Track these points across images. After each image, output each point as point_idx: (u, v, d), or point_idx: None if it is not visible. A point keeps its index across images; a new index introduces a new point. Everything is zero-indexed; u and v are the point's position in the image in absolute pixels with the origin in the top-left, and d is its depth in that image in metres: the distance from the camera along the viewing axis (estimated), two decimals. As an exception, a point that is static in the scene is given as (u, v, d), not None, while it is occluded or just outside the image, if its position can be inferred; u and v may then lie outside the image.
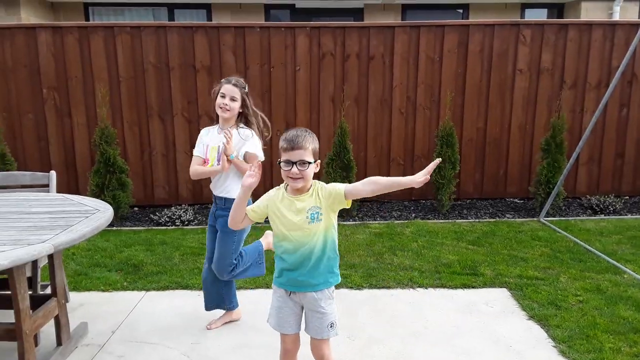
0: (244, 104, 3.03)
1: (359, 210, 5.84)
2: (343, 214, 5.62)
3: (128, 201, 5.49)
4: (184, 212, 5.49)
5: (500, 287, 3.77)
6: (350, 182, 5.55)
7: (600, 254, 4.35)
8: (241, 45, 5.79)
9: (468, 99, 6.02)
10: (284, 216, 2.17)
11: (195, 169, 3.09)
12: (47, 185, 3.44)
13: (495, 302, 3.53)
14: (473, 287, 3.78)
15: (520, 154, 6.18)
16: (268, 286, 3.77)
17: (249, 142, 2.97)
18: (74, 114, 5.79)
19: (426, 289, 3.77)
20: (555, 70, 6.00)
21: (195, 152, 3.12)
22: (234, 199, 2.55)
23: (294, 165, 2.11)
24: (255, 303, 3.54)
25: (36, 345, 2.85)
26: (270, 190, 2.28)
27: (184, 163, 5.96)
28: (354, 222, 5.45)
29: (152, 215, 5.59)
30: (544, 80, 6.01)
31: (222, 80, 3.05)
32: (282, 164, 2.14)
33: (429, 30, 5.87)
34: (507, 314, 3.38)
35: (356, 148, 5.90)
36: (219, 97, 3.00)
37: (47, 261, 3.00)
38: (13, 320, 2.47)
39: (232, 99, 2.98)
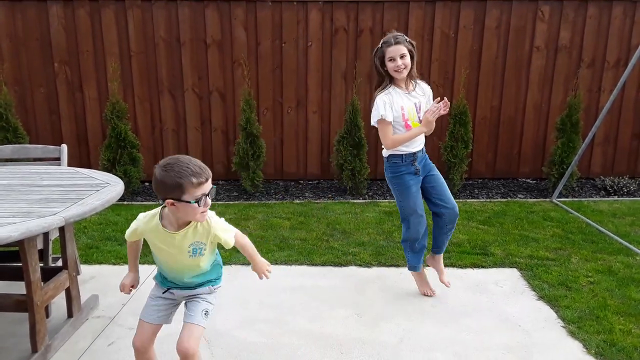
0: (412, 56, 3.00)
1: (368, 189, 5.81)
2: (353, 192, 5.60)
3: (139, 176, 5.51)
4: (194, 187, 5.50)
5: (511, 267, 3.74)
6: (360, 160, 5.51)
7: (612, 235, 4.30)
8: (252, 20, 5.71)
9: (483, 77, 5.91)
10: (160, 249, 2.09)
11: (397, 138, 3.00)
12: (59, 159, 3.45)
13: (505, 282, 3.52)
14: (483, 267, 3.76)
15: (535, 133, 6.08)
16: (277, 262, 3.79)
17: (431, 101, 3.12)
18: (85, 88, 5.79)
19: (435, 267, 3.75)
20: (573, 48, 5.86)
21: (389, 118, 2.97)
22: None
23: (206, 197, 1.95)
24: (263, 279, 3.55)
25: (47, 316, 2.90)
26: (140, 216, 2.13)
27: (194, 139, 5.96)
28: (364, 200, 5.43)
29: (162, 191, 5.60)
30: (562, 58, 5.88)
31: (381, 44, 2.97)
32: (197, 202, 1.91)
33: (445, 5, 5.74)
34: (517, 294, 3.36)
35: (367, 125, 5.82)
36: (387, 62, 2.95)
37: (58, 234, 3.03)
38: (25, 292, 2.51)
39: (402, 56, 2.94)
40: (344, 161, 5.50)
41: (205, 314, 2.15)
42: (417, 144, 3.11)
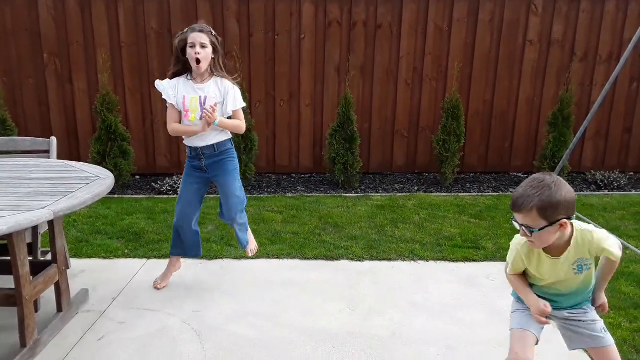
0: (215, 50, 2.96)
1: (361, 182, 5.81)
2: (345, 186, 5.59)
3: (130, 169, 5.47)
4: (186, 181, 5.47)
5: (502, 261, 3.73)
6: (353, 154, 5.50)
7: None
8: (245, 12, 5.66)
9: (476, 71, 5.91)
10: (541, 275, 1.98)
11: (175, 127, 3.03)
12: (48, 152, 3.41)
13: (497, 276, 3.53)
14: (474, 261, 3.77)
15: (527, 127, 6.10)
16: (269, 256, 3.78)
17: (231, 98, 3.01)
18: (75, 80, 5.72)
19: (427, 261, 3.76)
20: (566, 41, 5.87)
21: (169, 104, 3.02)
22: (224, 140, 3.02)
23: (522, 227, 1.82)
24: (254, 272, 3.56)
25: (36, 311, 2.87)
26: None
27: (186, 131, 5.91)
28: (356, 194, 5.43)
29: (153, 184, 5.57)
30: (554, 52, 5.88)
31: (185, 30, 2.94)
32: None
33: (438, -2, 5.72)
34: (508, 287, 3.33)
35: (360, 119, 5.83)
36: (188, 47, 2.90)
37: (47, 227, 3.00)
38: (13, 286, 2.48)
39: (202, 46, 2.89)
40: (337, 155, 5.48)
41: (604, 330, 2.03)
42: (201, 142, 3.05)
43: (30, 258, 2.87)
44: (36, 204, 2.32)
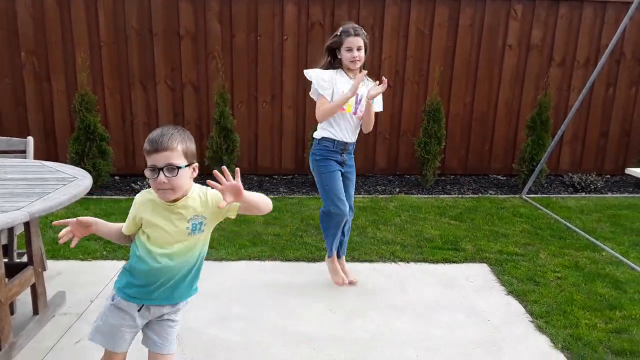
0: (366, 49, 3.12)
1: (343, 184, 5.81)
2: (327, 187, 5.58)
3: (109, 169, 5.39)
4: (166, 182, 5.42)
5: (481, 263, 3.80)
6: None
7: (580, 231, 4.40)
8: (227, 13, 5.64)
9: (456, 74, 5.97)
10: (155, 226, 1.89)
11: (324, 108, 3.11)
12: (24, 152, 3.35)
13: (476, 277, 3.57)
14: (454, 262, 3.80)
15: (506, 130, 6.18)
16: (250, 258, 3.76)
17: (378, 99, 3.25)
18: (53, 80, 5.63)
19: (408, 263, 3.78)
20: (545, 46, 5.96)
21: (325, 93, 3.13)
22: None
23: (161, 172, 1.79)
24: (235, 274, 3.54)
25: (12, 314, 2.81)
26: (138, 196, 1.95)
27: (167, 132, 5.86)
28: (338, 196, 5.43)
29: (133, 185, 5.51)
30: (533, 56, 5.98)
31: (341, 32, 3.08)
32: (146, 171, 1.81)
33: (420, 2, 5.76)
34: (487, 288, 3.41)
35: (342, 121, 5.84)
36: (344, 51, 3.07)
37: (23, 229, 2.94)
38: (-13, 289, 2.43)
39: (359, 49, 3.07)
40: (319, 156, 5.48)
41: (176, 338, 2.00)
42: (352, 138, 3.24)
43: (6, 260, 2.82)
44: (11, 205, 2.28)
